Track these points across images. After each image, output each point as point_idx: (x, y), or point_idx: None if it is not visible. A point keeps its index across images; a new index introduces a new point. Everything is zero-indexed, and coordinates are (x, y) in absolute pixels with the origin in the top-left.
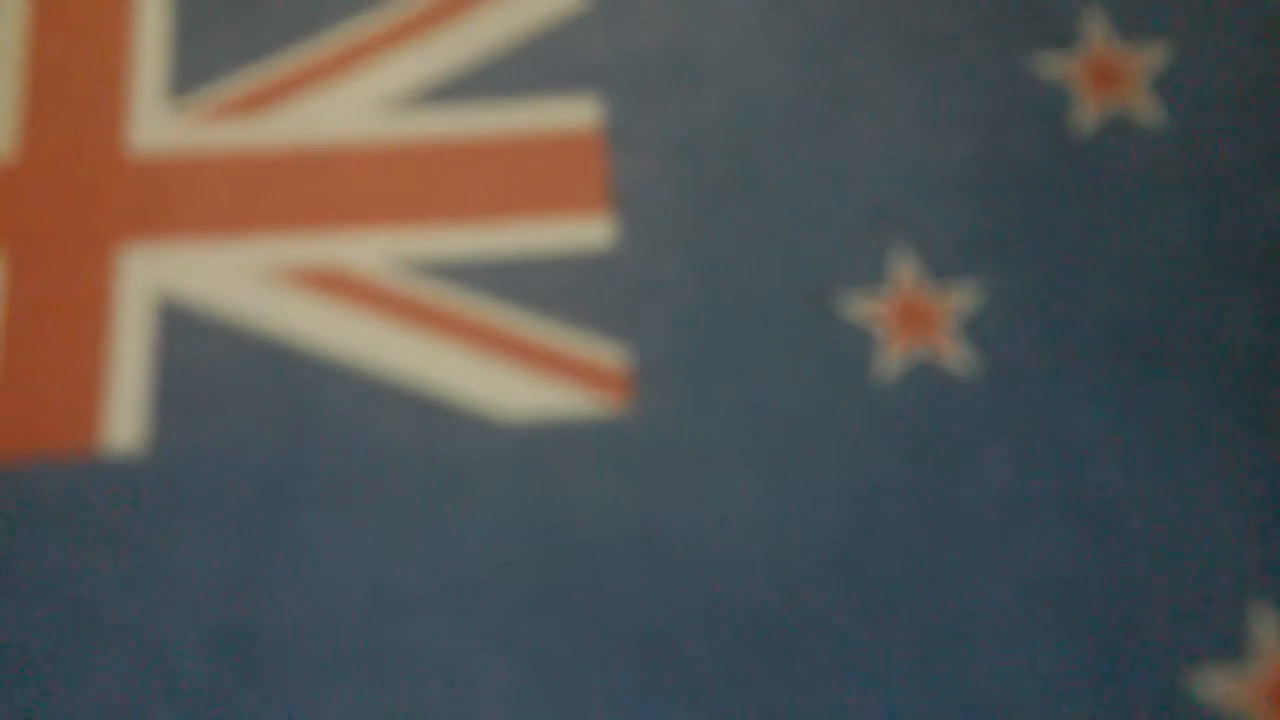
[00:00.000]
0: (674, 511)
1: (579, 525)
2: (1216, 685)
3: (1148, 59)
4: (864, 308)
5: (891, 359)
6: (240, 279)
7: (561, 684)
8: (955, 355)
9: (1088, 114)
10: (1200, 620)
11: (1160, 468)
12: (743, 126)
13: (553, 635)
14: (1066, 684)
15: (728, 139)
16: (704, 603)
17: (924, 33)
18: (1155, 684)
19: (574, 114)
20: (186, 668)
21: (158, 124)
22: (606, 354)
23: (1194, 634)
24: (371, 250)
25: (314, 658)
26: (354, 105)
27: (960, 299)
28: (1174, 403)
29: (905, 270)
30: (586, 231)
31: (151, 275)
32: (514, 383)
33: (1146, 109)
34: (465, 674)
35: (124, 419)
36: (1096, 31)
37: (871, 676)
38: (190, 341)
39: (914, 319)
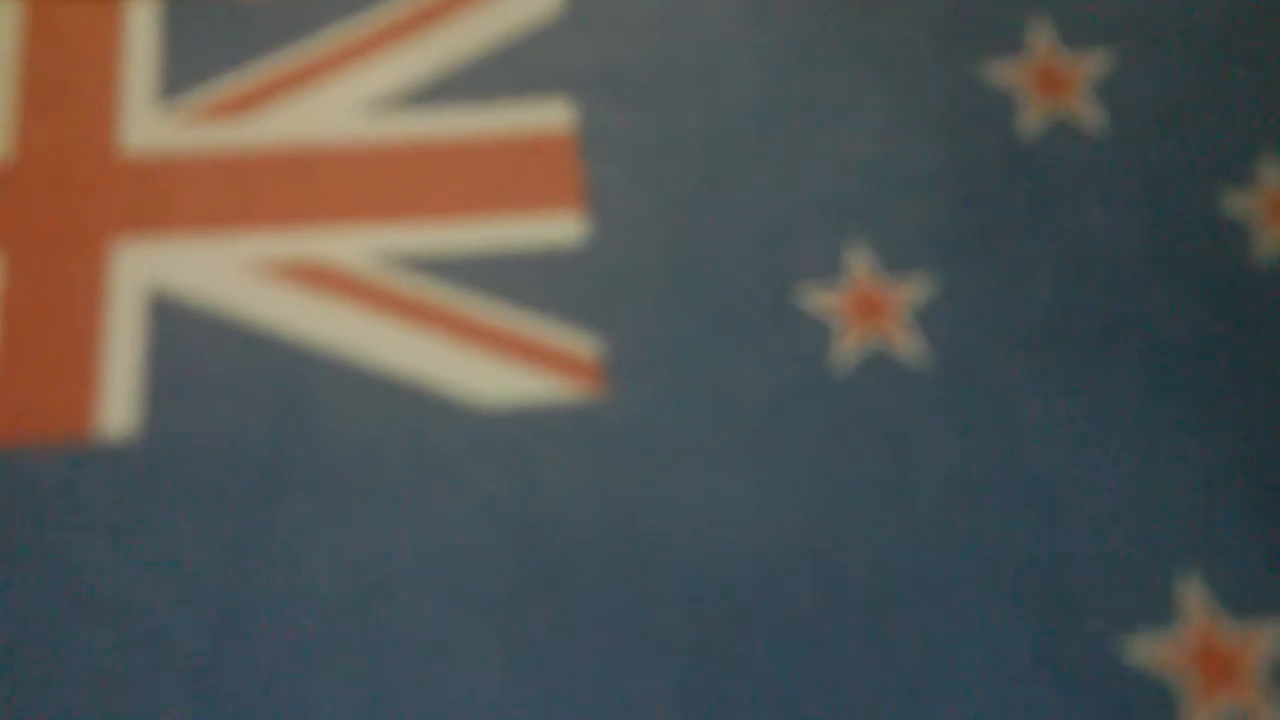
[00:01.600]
0: (646, 495)
1: (555, 508)
2: (1147, 649)
3: (1091, 66)
4: (822, 300)
5: (847, 349)
6: (229, 273)
7: (541, 662)
8: (907, 345)
9: (1033, 119)
10: (1134, 590)
11: (1101, 451)
12: (712, 131)
13: (531, 616)
14: (1009, 649)
15: (697, 143)
16: (676, 583)
17: (886, 43)
18: (1092, 649)
19: (549, 117)
20: (179, 647)
21: (149, 125)
22: (580, 344)
23: (1128, 603)
24: (355, 246)
25: (302, 638)
26: (338, 107)
27: (913, 291)
28: (1115, 391)
29: (861, 264)
30: (561, 229)
31: (143, 270)
32: (492, 372)
33: (1089, 114)
34: (448, 654)
35: (117, 408)
36: (1042, 40)
37: (827, 647)
38: (181, 333)
39: (868, 310)
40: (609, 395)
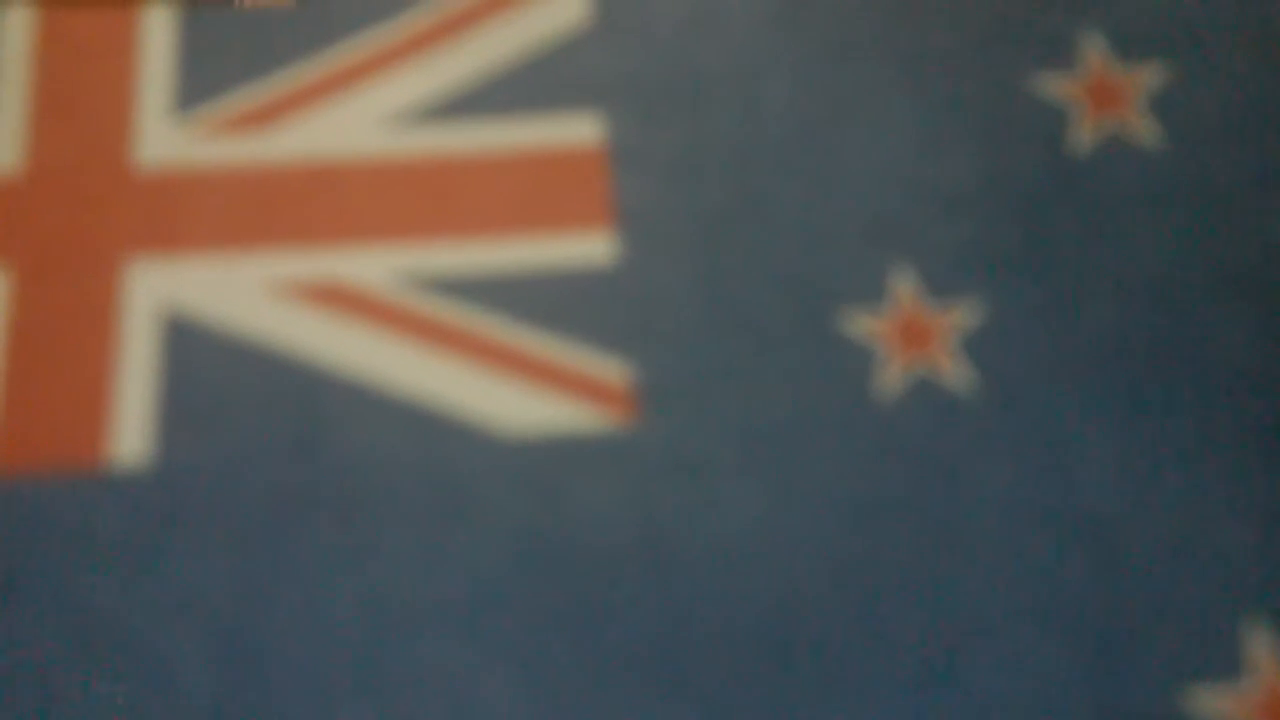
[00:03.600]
0: (677, 527)
1: (583, 541)
2: (1213, 703)
3: (1145, 79)
4: (864, 325)
5: (891, 376)
6: (246, 294)
7: (566, 700)
8: (954, 373)
9: (1085, 133)
10: (1197, 638)
11: (1158, 484)
12: (744, 144)
13: (557, 651)
14: (1064, 702)
15: (729, 157)
16: (707, 619)
17: (924, 52)
18: (1153, 702)
19: (577, 131)
20: (190, 684)
21: (164, 138)
22: (609, 370)
23: (1191, 652)
24: (377, 265)
25: (319, 675)
26: (359, 121)
27: (959, 316)
28: (1172, 419)
29: (905, 288)
30: (589, 248)
31: (157, 290)
32: (518, 398)
33: (1144, 129)
34: (471, 691)
35: (129, 435)
36: (1095, 52)
37: (869, 693)
38: (196, 356)
39: (913, 336)
40: (639, 423)
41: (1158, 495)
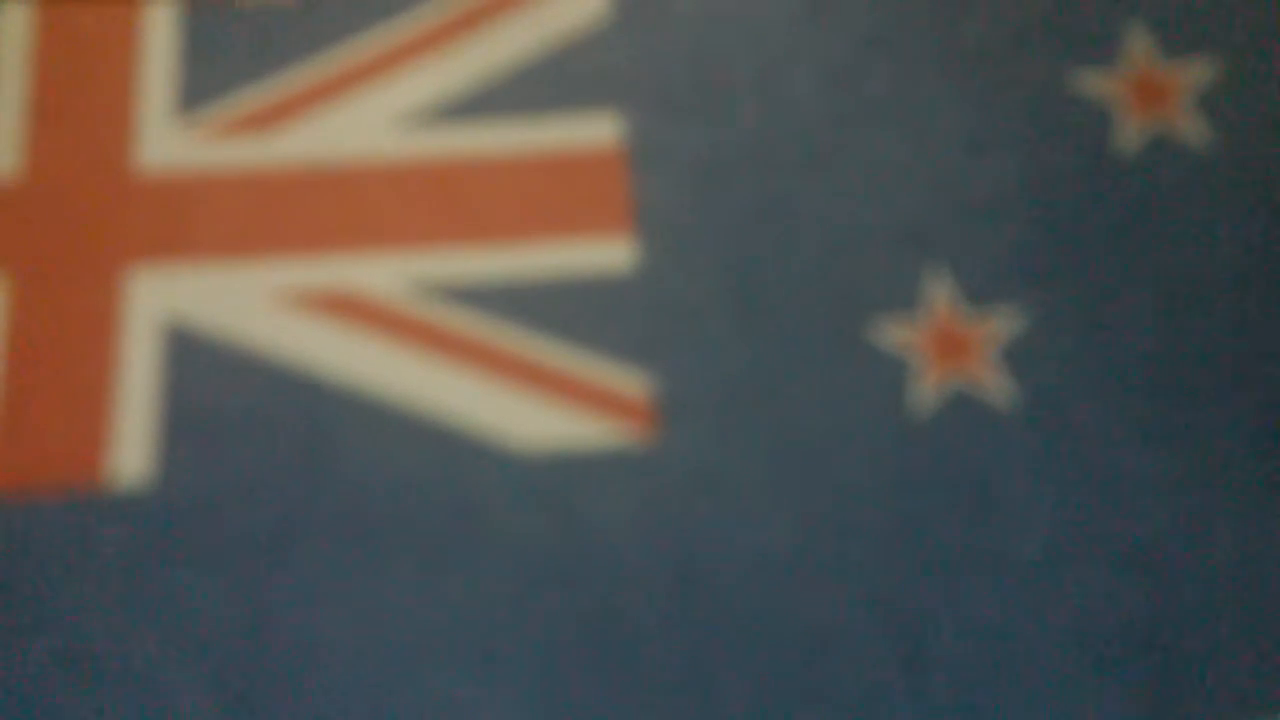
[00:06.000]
0: (700, 550)
1: (602, 564)
2: None
3: (1193, 76)
4: (898, 335)
5: (927, 389)
6: (251, 303)
7: None
8: (993, 386)
9: (1130, 133)
10: (1252, 672)
11: (1213, 506)
12: (772, 144)
13: (573, 683)
14: None
15: (756, 157)
16: (733, 648)
17: (961, 46)
18: None
19: (595, 131)
20: (189, 713)
21: (166, 141)
22: (630, 382)
23: (1246, 686)
24: (387, 273)
25: (321, 705)
26: (369, 122)
27: (999, 326)
28: (1225, 438)
29: (941, 295)
30: (608, 254)
31: (159, 299)
32: (534, 412)
33: (1191, 128)
34: None
35: (129, 451)
36: (1140, 47)
37: None
38: (199, 369)
39: (950, 347)
40: (660, 438)
41: (1210, 518)
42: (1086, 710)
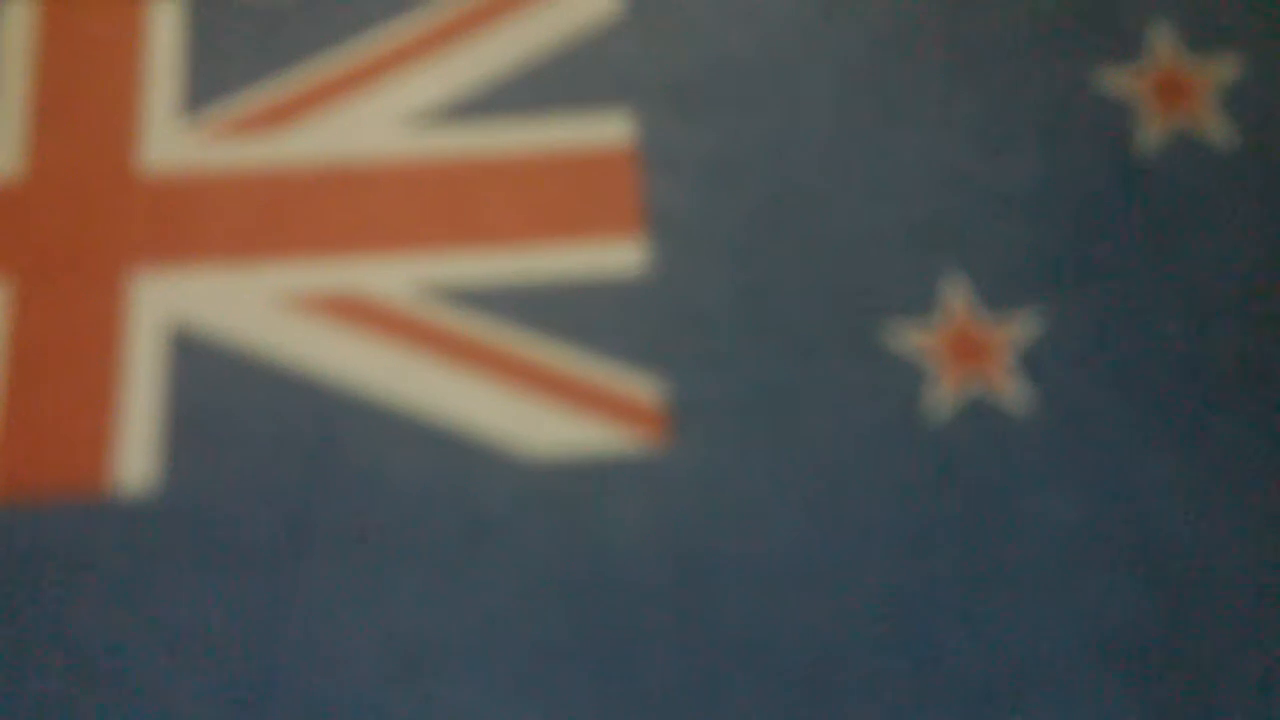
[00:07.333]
0: (713, 556)
1: (611, 570)
2: None
3: (1218, 73)
4: (914, 339)
5: (943, 394)
6: (257, 307)
7: None
8: (1011, 391)
9: (1152, 132)
10: (1278, 683)
11: (1233, 513)
12: (786, 143)
13: (582, 691)
14: None
15: (769, 157)
16: (746, 656)
17: (980, 44)
18: None
19: (607, 131)
20: None
21: (171, 141)
22: (641, 387)
23: (1271, 698)
24: (394, 276)
25: (330, 712)
26: (377, 121)
27: (1016, 329)
28: (1248, 444)
29: (957, 298)
30: (619, 256)
31: (164, 302)
32: (543, 418)
33: (1216, 127)
34: None
35: (134, 457)
36: (1163, 44)
37: None
38: (204, 373)
39: (967, 351)
40: (672, 444)
41: (1232, 525)
42: (1100, 715)
